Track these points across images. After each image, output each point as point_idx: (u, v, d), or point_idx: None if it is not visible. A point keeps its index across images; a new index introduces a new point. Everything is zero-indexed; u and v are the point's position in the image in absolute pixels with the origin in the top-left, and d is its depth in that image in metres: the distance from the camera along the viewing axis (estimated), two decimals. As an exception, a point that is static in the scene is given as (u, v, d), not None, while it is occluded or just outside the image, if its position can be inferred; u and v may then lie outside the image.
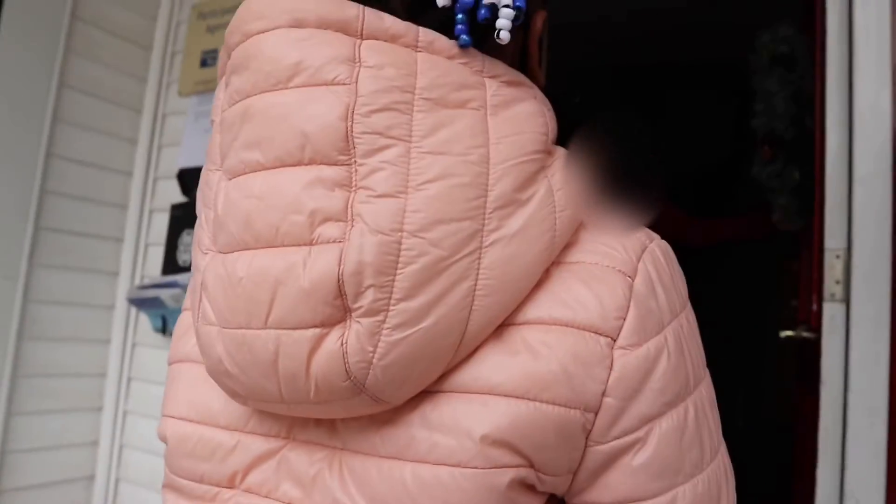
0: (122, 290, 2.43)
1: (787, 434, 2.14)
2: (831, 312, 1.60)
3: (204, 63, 2.35)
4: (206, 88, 2.33)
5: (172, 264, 2.28)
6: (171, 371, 0.59)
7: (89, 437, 2.39)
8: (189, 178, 2.26)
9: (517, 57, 0.54)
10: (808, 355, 1.71)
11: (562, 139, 0.52)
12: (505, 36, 0.47)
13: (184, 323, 0.59)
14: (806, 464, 1.69)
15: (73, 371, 2.34)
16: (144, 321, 2.35)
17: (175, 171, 2.33)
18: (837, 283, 1.60)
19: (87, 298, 2.37)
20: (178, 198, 2.32)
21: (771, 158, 1.95)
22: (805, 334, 1.70)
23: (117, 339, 2.43)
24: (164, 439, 0.56)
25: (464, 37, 0.46)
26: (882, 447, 1.50)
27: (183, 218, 2.26)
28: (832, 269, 1.62)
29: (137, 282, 2.42)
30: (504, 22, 0.47)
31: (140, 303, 2.16)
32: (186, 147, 2.34)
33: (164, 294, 2.07)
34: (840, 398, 1.56)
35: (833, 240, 1.61)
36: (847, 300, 1.58)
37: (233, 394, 0.49)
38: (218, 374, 0.48)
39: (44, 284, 2.23)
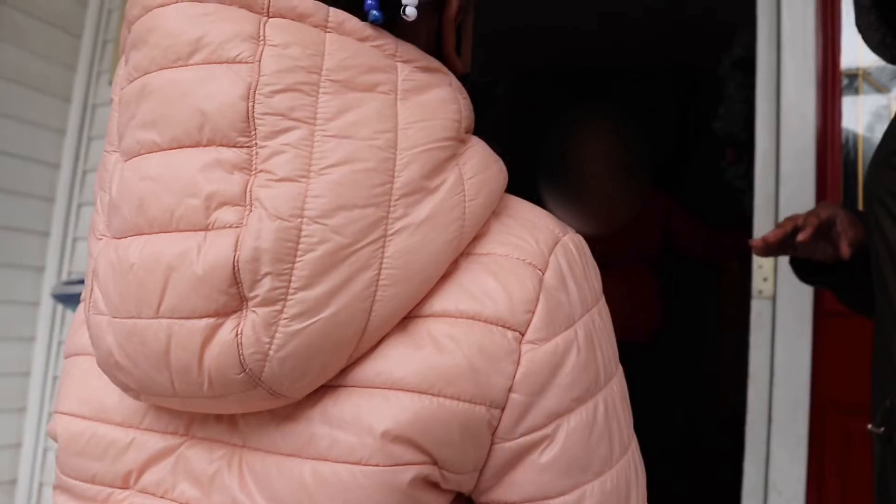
0: (48, 286, 2.34)
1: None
2: (759, 309, 1.65)
3: (137, 52, 2.28)
4: (111, 94, 2.26)
5: (101, 259, 2.20)
6: (65, 365, 0.56)
7: (11, 439, 2.30)
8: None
9: (432, 41, 0.53)
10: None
11: (482, 129, 0.51)
12: (411, 12, 0.45)
13: (80, 314, 0.56)
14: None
15: (-4, 371, 2.25)
16: (71, 318, 2.27)
17: (105, 163, 2.26)
18: (765, 280, 1.65)
19: (11, 294, 2.28)
20: (109, 191, 2.24)
21: (734, 160, 2.00)
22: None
23: (42, 337, 2.34)
24: (54, 438, 0.53)
25: (374, 12, 0.44)
26: (804, 440, 1.55)
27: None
28: (760, 266, 1.66)
29: (64, 277, 2.33)
30: None
31: (66, 299, 2.08)
32: (117, 138, 2.27)
33: (82, 296, 2.00)
34: (766, 392, 1.61)
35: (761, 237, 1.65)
36: (773, 297, 1.63)
37: (125, 388, 0.46)
38: (108, 367, 0.46)
39: (-37, 280, 2.13)
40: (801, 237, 1.03)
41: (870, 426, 1.01)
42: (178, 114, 0.42)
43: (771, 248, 1.07)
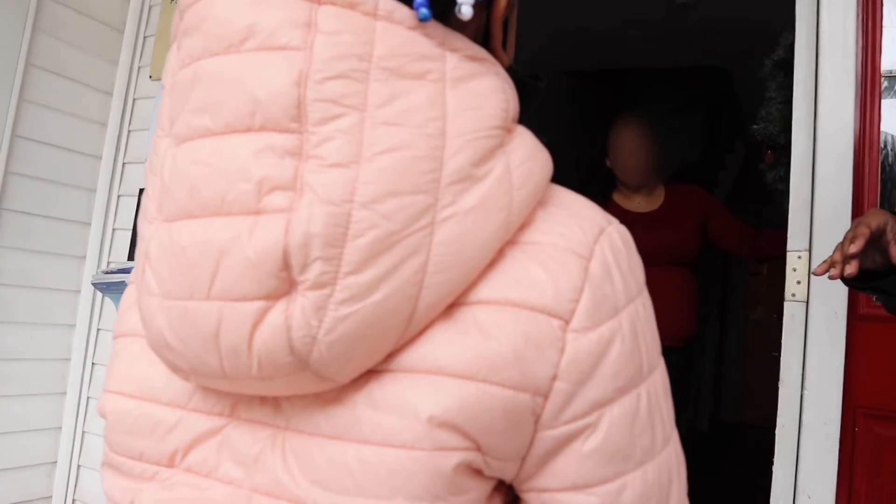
0: (88, 274, 2.40)
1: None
2: (791, 312, 1.63)
3: (177, 47, 2.33)
4: (162, 80, 2.31)
5: (140, 250, 2.25)
6: (114, 346, 0.57)
7: (52, 423, 2.36)
8: (159, 163, 2.24)
9: (479, 37, 0.53)
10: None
11: (526, 120, 0.52)
12: (466, 11, 0.46)
13: (129, 297, 0.57)
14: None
15: (37, 355, 2.31)
16: (110, 306, 2.32)
17: (144, 155, 2.30)
18: (798, 283, 1.63)
19: (53, 282, 2.34)
20: (147, 183, 2.29)
21: (774, 162, 1.97)
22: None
23: (82, 324, 2.40)
24: (103, 415, 0.55)
25: (423, 9, 0.44)
26: (835, 445, 1.53)
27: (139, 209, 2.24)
28: (794, 269, 1.64)
29: (104, 266, 2.39)
30: None
31: (105, 287, 2.14)
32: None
33: (130, 279, 2.05)
34: (797, 396, 1.59)
35: (795, 240, 1.64)
36: (807, 300, 1.61)
37: (174, 368, 0.47)
38: (159, 348, 0.47)
39: (8, 267, 2.19)
40: (853, 249, 1.02)
41: None
42: (231, 100, 0.43)
43: (837, 269, 1.07)
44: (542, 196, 0.48)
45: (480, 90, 0.46)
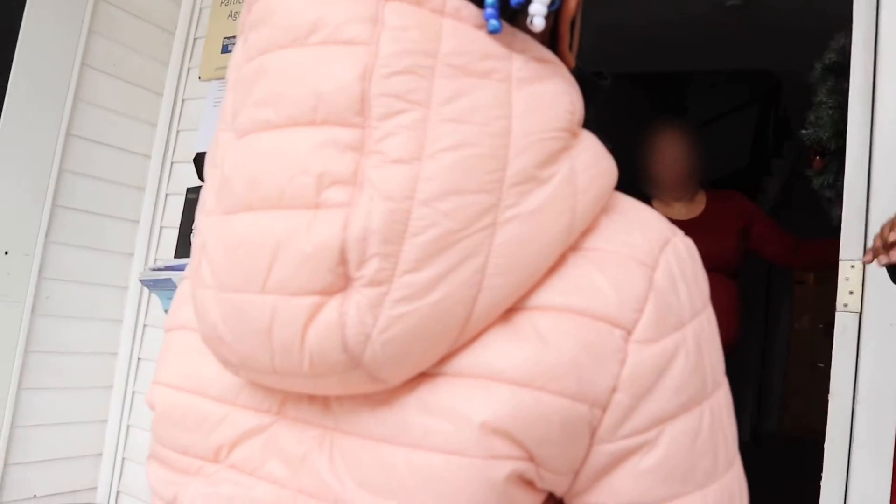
0: (136, 271, 2.45)
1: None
2: (843, 323, 1.59)
3: (225, 49, 2.36)
4: (226, 75, 2.34)
5: (186, 247, 2.29)
6: (166, 339, 0.57)
7: (98, 416, 2.41)
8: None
9: (546, 38, 0.53)
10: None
11: (589, 121, 0.51)
12: (539, 23, 0.45)
13: (183, 291, 0.57)
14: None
15: (85, 349, 2.36)
16: (156, 303, 2.37)
17: (192, 155, 2.35)
18: (851, 293, 1.59)
19: (101, 278, 2.39)
20: (195, 182, 2.33)
21: (822, 168, 1.93)
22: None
23: (129, 320, 2.45)
24: (152, 407, 0.55)
25: (493, 21, 0.43)
26: (888, 460, 1.48)
27: (198, 202, 2.27)
28: (846, 279, 1.60)
29: (151, 263, 2.43)
30: (538, 7, 0.45)
31: (152, 284, 2.18)
32: (204, 132, 2.35)
33: (177, 276, 2.09)
34: (848, 409, 1.55)
35: (848, 250, 1.59)
36: (860, 311, 1.56)
37: (225, 362, 0.47)
38: (212, 340, 0.46)
39: (59, 262, 2.25)
40: (893, 237, 1.00)
41: None
42: (294, 93, 0.42)
43: (880, 253, 1.05)
44: (607, 203, 0.47)
45: (547, 92, 0.45)
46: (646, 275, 0.44)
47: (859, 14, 1.64)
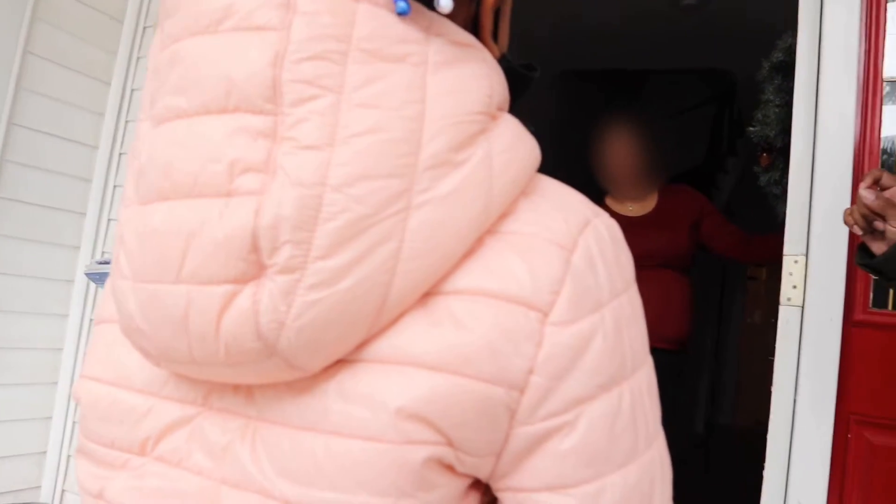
0: (82, 264, 2.39)
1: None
2: (787, 316, 1.62)
3: (176, 38, 2.32)
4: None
5: (134, 241, 2.24)
6: (94, 332, 0.57)
7: (43, 413, 2.36)
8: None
9: (469, 25, 0.52)
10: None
11: (517, 110, 0.51)
12: (445, 4, 0.45)
13: (110, 284, 0.56)
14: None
15: (30, 345, 2.30)
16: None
17: (141, 146, 2.30)
18: (795, 287, 1.62)
19: (47, 272, 2.34)
20: (144, 173, 2.28)
21: (769, 165, 1.97)
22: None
23: (75, 314, 2.39)
24: (78, 401, 0.54)
25: (401, 3, 0.43)
26: (827, 452, 1.52)
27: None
28: (790, 273, 1.64)
29: (97, 257, 2.38)
30: None
31: (99, 278, 2.13)
32: (154, 122, 2.30)
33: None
34: (790, 402, 1.59)
35: (792, 245, 1.63)
36: (802, 305, 1.60)
37: (145, 353, 0.46)
38: (130, 332, 0.46)
39: (3, 256, 2.19)
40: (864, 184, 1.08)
41: None
42: (207, 80, 0.42)
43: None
44: (527, 186, 0.47)
45: (464, 75, 0.45)
46: (563, 257, 0.44)
47: (804, 15, 1.68)
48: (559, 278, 0.43)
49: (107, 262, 2.18)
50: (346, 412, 0.42)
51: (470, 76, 0.45)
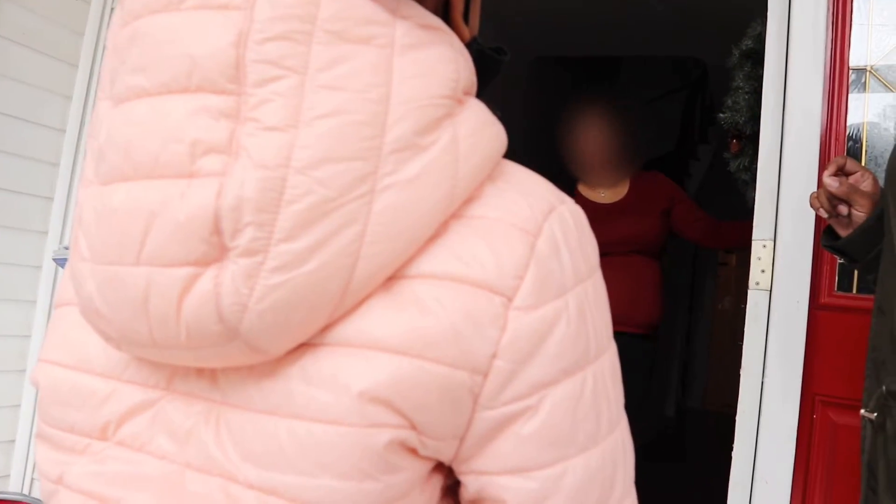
0: (50, 250, 2.35)
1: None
2: (755, 300, 1.65)
3: (145, 20, 2.28)
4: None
5: (104, 226, 2.21)
6: (54, 315, 0.56)
7: (11, 401, 2.32)
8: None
9: (440, 8, 0.52)
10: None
11: (489, 94, 0.51)
12: None
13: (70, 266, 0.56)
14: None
15: (-3, 332, 2.26)
16: (72, 283, 2.28)
17: (110, 129, 2.26)
18: (763, 272, 1.65)
19: (14, 257, 2.29)
20: (113, 158, 2.25)
21: (738, 152, 2.00)
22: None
23: (43, 300, 2.35)
24: (36, 385, 0.53)
25: None
26: (793, 433, 1.56)
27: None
28: (758, 258, 1.67)
29: (66, 242, 2.34)
30: None
31: (66, 263, 2.10)
32: (123, 106, 2.27)
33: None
34: (758, 384, 1.62)
35: (760, 230, 1.66)
36: (770, 289, 1.63)
37: (105, 336, 0.46)
38: (89, 314, 0.45)
39: (-34, 241, 2.14)
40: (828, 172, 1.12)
41: (862, 411, 1.02)
42: (168, 59, 0.42)
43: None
44: (494, 171, 0.47)
45: (430, 59, 0.45)
46: (527, 242, 0.44)
47: (773, 3, 1.70)
48: (523, 263, 0.43)
49: (76, 248, 2.14)
50: (308, 395, 0.42)
51: (436, 59, 0.45)
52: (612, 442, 0.47)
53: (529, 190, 0.47)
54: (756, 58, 1.87)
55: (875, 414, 0.98)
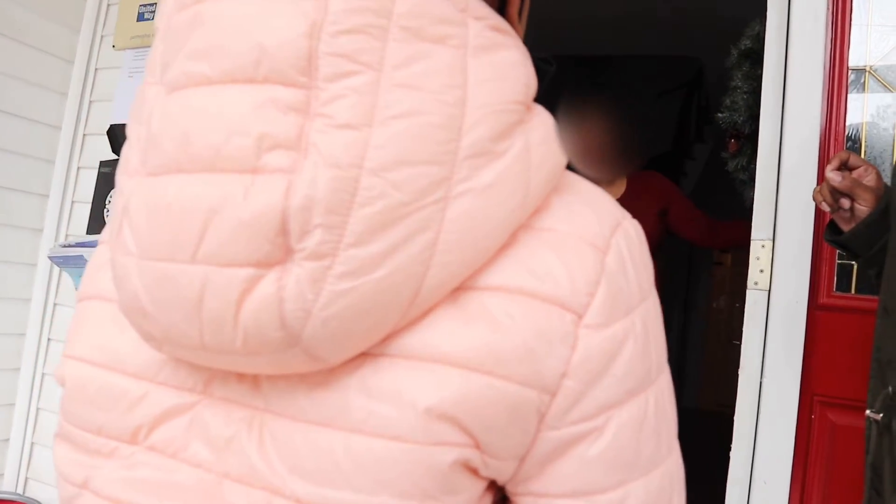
0: (45, 247, 2.33)
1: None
2: (753, 300, 1.65)
3: (141, 17, 2.26)
4: (143, 43, 2.25)
5: (99, 223, 2.20)
6: (78, 309, 0.52)
7: (5, 399, 2.30)
8: (120, 135, 2.18)
9: (497, 6, 0.51)
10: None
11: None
12: None
13: (99, 257, 0.52)
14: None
15: (-10, 330, 2.25)
16: (67, 281, 2.27)
17: (106, 127, 2.25)
18: (762, 272, 1.65)
19: (9, 255, 2.28)
20: (108, 155, 2.23)
21: (737, 151, 2.00)
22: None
23: (38, 299, 2.34)
24: (61, 382, 0.51)
25: None
26: (791, 433, 1.56)
27: (112, 176, 2.18)
28: (757, 258, 1.66)
29: (61, 240, 2.33)
30: None
31: (63, 261, 2.08)
32: (119, 103, 2.25)
33: (88, 253, 2.00)
34: (756, 384, 1.62)
35: (759, 230, 1.65)
36: (769, 289, 1.63)
37: (147, 336, 0.43)
38: (132, 312, 0.43)
39: (-40, 238, 2.12)
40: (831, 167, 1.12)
41: (868, 412, 1.02)
42: (234, 46, 0.39)
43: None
44: (558, 182, 0.46)
45: (503, 62, 0.43)
46: (598, 258, 0.43)
47: (773, 3, 1.70)
48: (595, 280, 0.42)
49: (69, 245, 2.13)
50: (369, 409, 0.40)
51: (508, 63, 0.43)
52: (670, 463, 0.46)
53: (595, 203, 0.46)
54: (755, 57, 1.87)
55: (881, 415, 0.98)
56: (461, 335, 0.40)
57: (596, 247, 0.43)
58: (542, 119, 0.45)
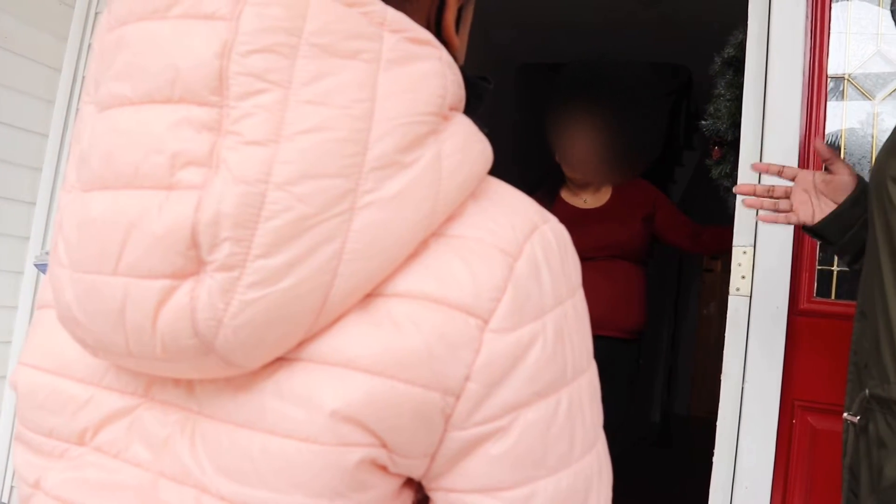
0: (32, 255, 2.33)
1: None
2: (735, 306, 1.66)
3: (129, 24, 2.27)
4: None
5: (86, 231, 2.20)
6: (34, 317, 0.55)
7: (-9, 407, 2.30)
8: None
9: (431, 21, 0.52)
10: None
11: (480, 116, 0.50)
12: None
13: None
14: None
15: (-23, 338, 2.24)
16: (54, 289, 2.26)
17: (93, 134, 2.25)
18: (743, 278, 1.66)
19: (-5, 263, 2.27)
20: (96, 163, 2.23)
21: (720, 158, 2.02)
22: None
23: (24, 306, 2.33)
24: (15, 388, 0.53)
25: None
26: (772, 437, 1.57)
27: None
28: (738, 264, 1.68)
29: (47, 247, 2.33)
30: None
31: (47, 269, 2.08)
32: (106, 110, 2.25)
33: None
34: (738, 389, 1.63)
35: (741, 236, 1.67)
36: (750, 295, 1.64)
37: (83, 343, 0.45)
38: (67, 322, 0.45)
39: (-54, 246, 2.12)
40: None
41: (845, 415, 1.03)
42: (152, 67, 0.41)
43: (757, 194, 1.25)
44: (477, 188, 0.47)
45: (417, 74, 0.44)
46: (507, 263, 0.44)
47: (753, 12, 1.72)
48: (500, 285, 0.43)
49: (57, 253, 2.13)
50: (281, 411, 0.42)
51: (423, 75, 0.44)
52: (585, 464, 0.47)
53: (513, 209, 0.47)
54: (738, 66, 1.89)
55: (858, 417, 0.99)
56: (367, 340, 0.42)
57: (506, 252, 0.44)
58: (460, 128, 0.46)
